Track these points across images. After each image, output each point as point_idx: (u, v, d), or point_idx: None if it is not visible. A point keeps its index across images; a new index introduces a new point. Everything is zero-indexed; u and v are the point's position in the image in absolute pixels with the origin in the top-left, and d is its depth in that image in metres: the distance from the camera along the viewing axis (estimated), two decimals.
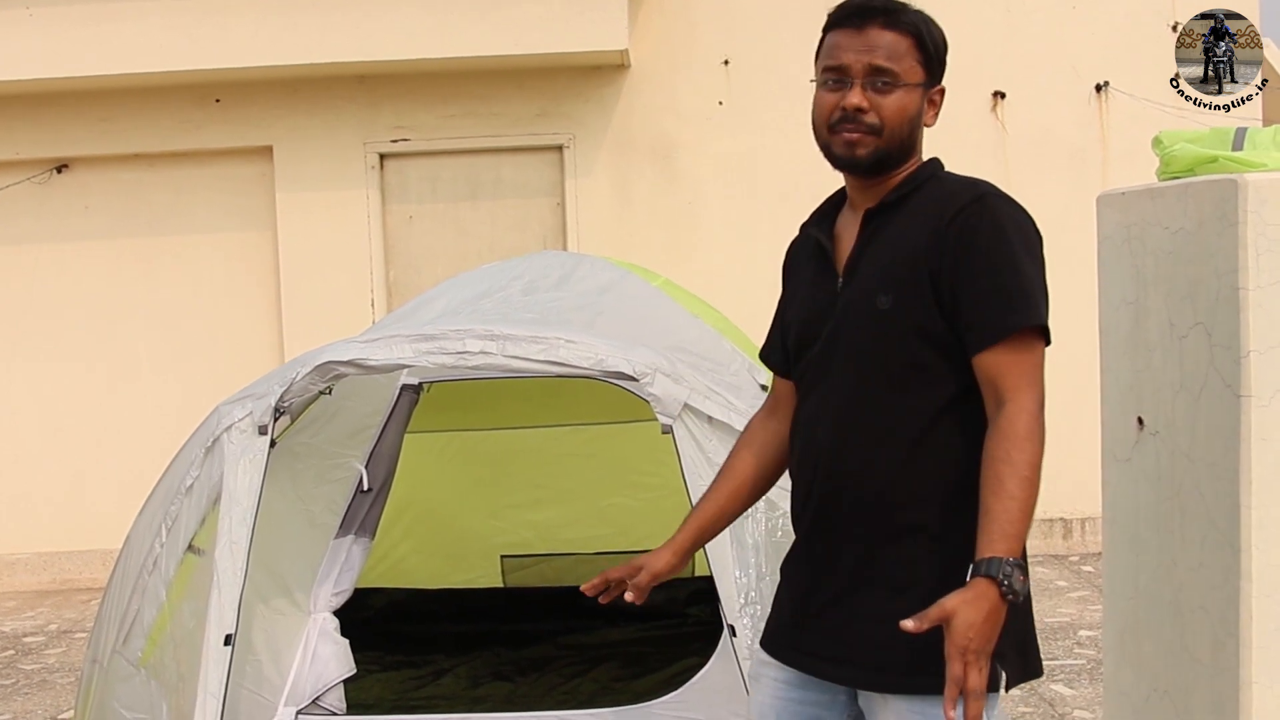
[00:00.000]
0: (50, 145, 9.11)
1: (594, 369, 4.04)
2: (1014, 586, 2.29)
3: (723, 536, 3.95)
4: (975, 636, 2.27)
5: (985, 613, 2.28)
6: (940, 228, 2.50)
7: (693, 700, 4.36)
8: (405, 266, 9.15)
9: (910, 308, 2.52)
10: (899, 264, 2.54)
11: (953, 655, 2.27)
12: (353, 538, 5.01)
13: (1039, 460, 2.39)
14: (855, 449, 2.58)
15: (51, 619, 8.25)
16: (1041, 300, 2.50)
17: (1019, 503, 2.34)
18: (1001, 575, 2.28)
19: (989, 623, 2.28)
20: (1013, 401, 2.42)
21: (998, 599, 2.29)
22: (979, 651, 2.27)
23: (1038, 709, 5.67)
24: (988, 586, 2.29)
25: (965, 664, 2.26)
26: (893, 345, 2.54)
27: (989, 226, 2.48)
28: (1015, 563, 2.31)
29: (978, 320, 2.46)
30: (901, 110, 2.59)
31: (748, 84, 8.87)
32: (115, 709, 4.40)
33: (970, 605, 2.28)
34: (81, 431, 9.19)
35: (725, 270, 8.69)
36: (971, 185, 2.57)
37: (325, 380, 4.21)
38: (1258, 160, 2.69)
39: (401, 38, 8.29)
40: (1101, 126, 8.83)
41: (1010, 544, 2.32)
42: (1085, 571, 8.17)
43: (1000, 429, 2.40)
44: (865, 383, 2.57)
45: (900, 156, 2.62)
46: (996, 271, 2.46)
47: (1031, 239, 2.53)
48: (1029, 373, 2.45)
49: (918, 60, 2.60)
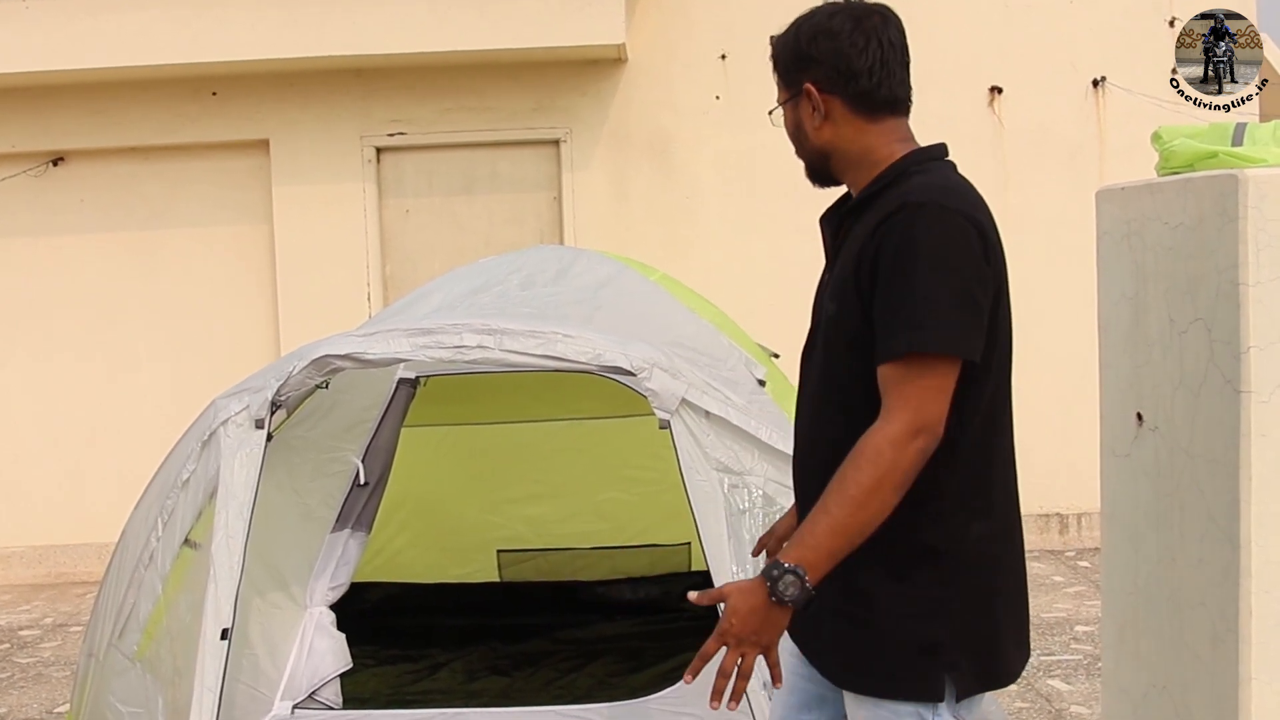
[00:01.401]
0: (46, 138, 9.09)
1: (591, 364, 4.04)
2: (781, 591, 2.36)
3: (720, 532, 3.96)
4: (736, 624, 2.40)
5: (750, 606, 2.39)
6: (870, 236, 2.50)
7: (689, 695, 4.35)
8: (402, 261, 9.14)
9: (845, 316, 2.54)
10: (844, 272, 2.57)
11: (713, 636, 2.42)
12: (349, 532, 5.01)
13: (877, 484, 2.37)
14: (816, 446, 2.65)
15: (47, 612, 8.23)
16: (940, 321, 2.40)
17: (830, 519, 2.38)
18: (771, 577, 2.37)
19: (752, 615, 2.39)
20: (882, 419, 2.41)
21: (764, 597, 2.38)
22: (738, 638, 2.40)
23: (1034, 704, 5.67)
24: (759, 584, 2.39)
25: (724, 645, 2.41)
26: (834, 351, 2.59)
27: (898, 241, 2.44)
28: (793, 569, 2.37)
29: (879, 334, 2.46)
30: (788, 131, 2.76)
31: (745, 79, 8.85)
32: (111, 703, 4.40)
33: (739, 594, 2.41)
34: (77, 425, 9.18)
35: (722, 265, 8.69)
36: (907, 193, 2.51)
37: (322, 374, 4.20)
38: (1258, 155, 2.68)
39: (398, 32, 8.28)
40: (1099, 122, 8.82)
41: (802, 553, 2.38)
42: (1081, 567, 8.17)
43: (859, 443, 2.41)
44: (823, 385, 2.64)
45: (821, 164, 2.71)
46: (894, 290, 2.43)
47: (950, 251, 2.42)
48: (910, 395, 2.40)
49: (779, 82, 2.76)
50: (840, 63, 2.62)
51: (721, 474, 4.02)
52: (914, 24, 2.84)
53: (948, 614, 2.51)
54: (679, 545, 6.37)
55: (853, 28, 2.63)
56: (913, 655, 2.50)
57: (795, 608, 2.39)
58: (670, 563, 6.46)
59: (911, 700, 2.50)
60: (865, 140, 2.64)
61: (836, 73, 2.62)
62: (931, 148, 2.67)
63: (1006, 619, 2.61)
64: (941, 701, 2.50)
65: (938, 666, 2.50)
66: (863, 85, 2.62)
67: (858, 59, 2.62)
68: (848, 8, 2.66)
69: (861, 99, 2.63)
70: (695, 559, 6.29)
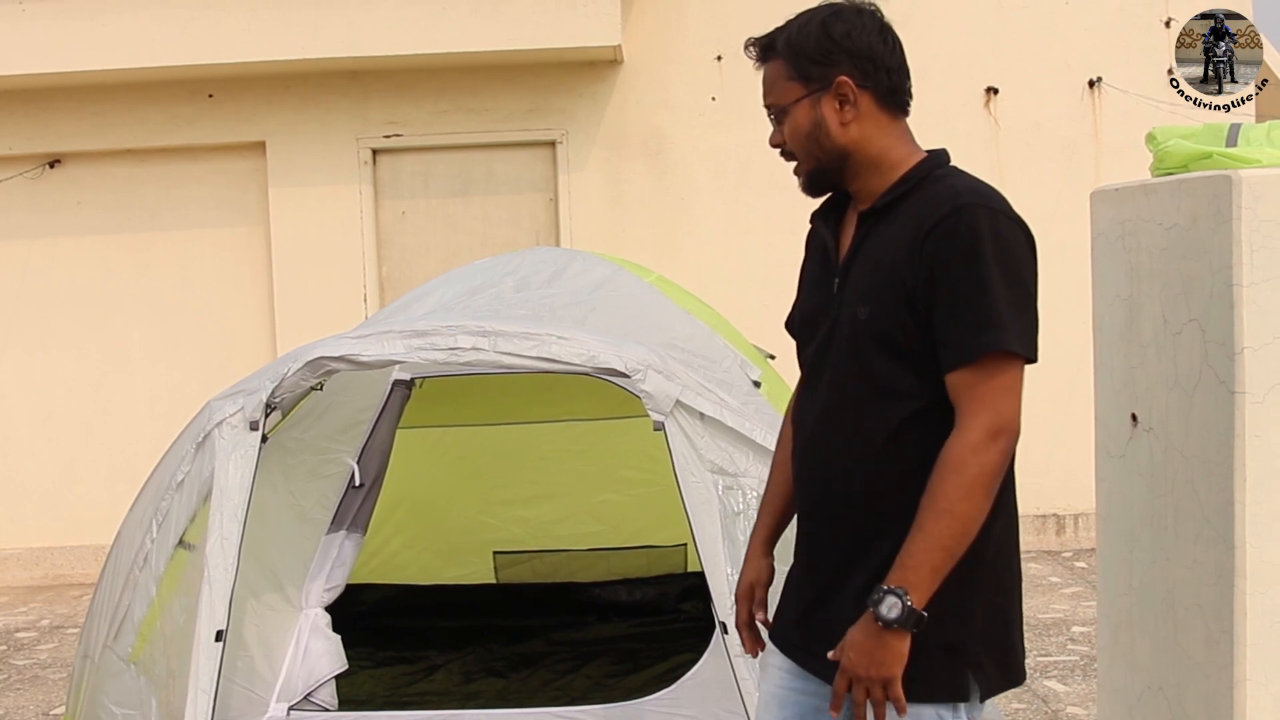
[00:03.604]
0: (43, 140, 9.08)
1: (586, 365, 4.04)
2: (884, 615, 2.36)
3: (714, 533, 3.96)
4: (854, 658, 2.39)
5: (861, 637, 2.40)
6: (918, 240, 2.46)
7: (684, 697, 4.36)
8: (397, 262, 9.13)
9: (884, 321, 2.50)
10: (879, 275, 2.53)
11: (838, 675, 2.43)
12: (344, 533, 5.01)
13: (965, 492, 2.37)
14: (836, 452, 2.60)
15: (44, 614, 8.23)
16: (1014, 321, 2.41)
17: (925, 536, 2.38)
18: (873, 602, 2.38)
19: (865, 646, 2.39)
20: (959, 427, 2.41)
21: (873, 625, 2.38)
22: (855, 672, 2.40)
23: (1030, 705, 5.67)
24: (869, 615, 2.39)
25: (851, 684, 2.40)
26: (867, 355, 2.53)
27: (963, 242, 2.42)
28: (893, 590, 2.36)
29: (948, 339, 2.44)
30: (795, 132, 2.62)
31: (740, 79, 8.83)
32: (105, 705, 4.39)
33: (856, 629, 2.42)
34: (73, 426, 9.17)
35: (717, 266, 8.68)
36: (954, 194, 2.49)
37: (317, 376, 4.20)
38: (1252, 156, 2.68)
39: (394, 33, 8.28)
40: (1094, 122, 8.82)
41: (903, 574, 2.38)
42: (1078, 567, 8.17)
43: (940, 455, 2.41)
44: (846, 388, 2.58)
45: (835, 167, 2.62)
46: (966, 291, 2.42)
47: (1011, 253, 2.45)
48: (986, 397, 2.40)
49: (791, 77, 2.62)
50: (874, 56, 2.59)
51: (716, 475, 4.02)
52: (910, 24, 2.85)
53: (970, 613, 2.49)
54: (675, 546, 6.37)
55: (875, 23, 2.61)
56: (936, 655, 2.46)
57: (906, 629, 2.37)
58: (666, 564, 6.46)
59: (933, 701, 2.47)
60: (885, 140, 2.61)
61: (872, 66, 2.59)
62: (942, 152, 2.65)
63: (1018, 617, 2.62)
64: (966, 701, 2.49)
65: (962, 665, 2.48)
66: (893, 81, 2.61)
67: (888, 55, 2.60)
68: (855, 4, 2.64)
69: (890, 95, 2.61)
70: (691, 560, 6.28)
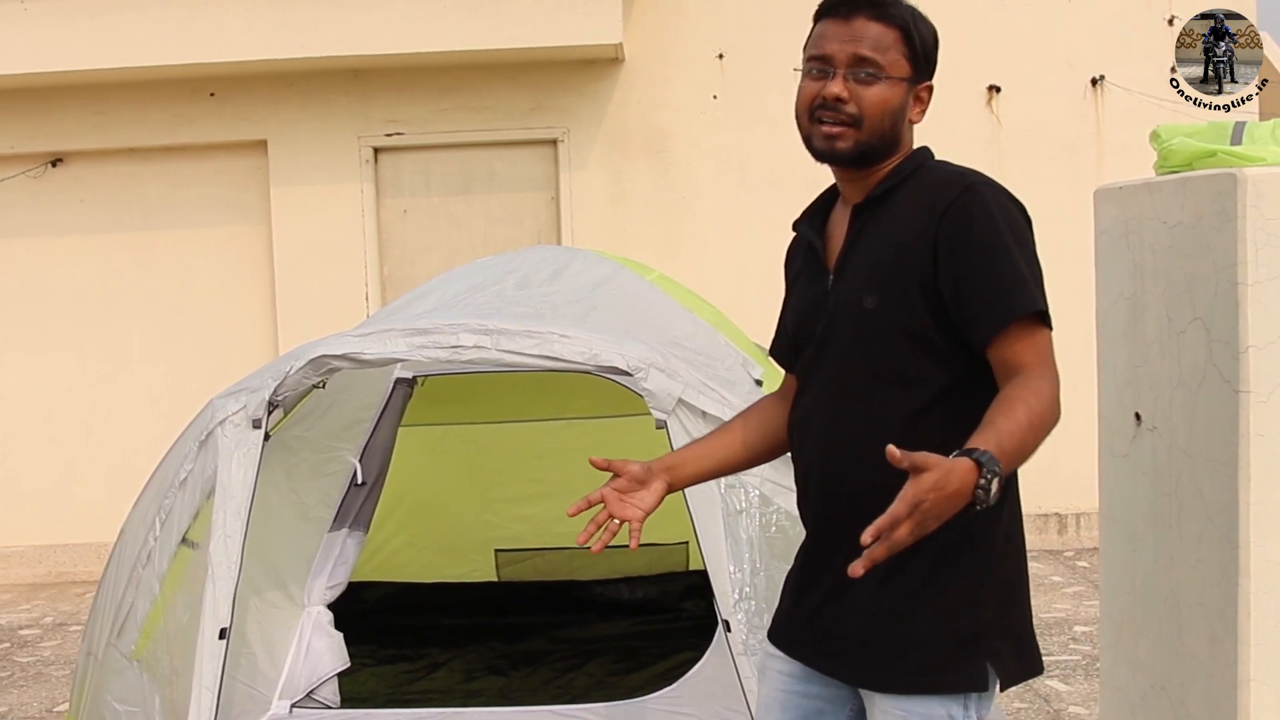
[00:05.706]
0: (45, 139, 9.09)
1: (588, 364, 4.04)
2: (989, 488, 2.12)
3: (717, 532, 3.95)
4: (933, 500, 2.09)
5: (954, 487, 2.10)
6: (930, 223, 2.47)
7: (687, 695, 4.35)
8: (399, 260, 9.13)
9: (894, 307, 2.49)
10: (885, 262, 2.52)
11: (906, 502, 2.09)
12: (347, 531, 5.01)
13: (1051, 421, 2.32)
14: (845, 447, 2.57)
15: (47, 612, 8.23)
16: (1036, 287, 2.46)
17: (1022, 429, 2.23)
18: (986, 469, 2.13)
19: (952, 497, 2.11)
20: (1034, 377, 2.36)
21: (969, 485, 2.12)
22: (925, 514, 2.09)
23: (1033, 705, 5.67)
24: (970, 469, 2.12)
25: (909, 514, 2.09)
26: (877, 344, 2.52)
27: (981, 218, 2.44)
28: (999, 470, 2.15)
29: (982, 310, 2.42)
30: (883, 103, 2.54)
31: (742, 78, 8.86)
32: (108, 702, 4.39)
33: (948, 473, 2.10)
34: (75, 424, 9.18)
35: (719, 264, 8.69)
36: (959, 176, 2.52)
37: (319, 374, 4.20)
38: (1256, 154, 2.68)
39: (395, 31, 8.28)
40: (1097, 120, 8.82)
41: (1003, 449, 2.19)
42: (1080, 567, 8.17)
43: (1021, 380, 2.34)
44: (853, 381, 2.56)
45: (883, 151, 2.58)
46: (991, 261, 2.42)
47: (1020, 226, 2.49)
48: (1043, 353, 2.42)
49: (903, 54, 2.56)
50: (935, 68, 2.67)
51: None
52: None
53: (985, 602, 2.48)
54: (676, 544, 6.36)
55: None
56: (952, 646, 2.45)
57: (983, 506, 2.14)
58: (668, 562, 6.46)
59: (949, 693, 2.44)
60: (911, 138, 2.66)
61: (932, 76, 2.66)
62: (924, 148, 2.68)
63: (1029, 606, 2.61)
64: (985, 691, 2.46)
65: (979, 655, 2.46)
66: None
67: None
68: None
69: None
70: (693, 558, 6.28)
